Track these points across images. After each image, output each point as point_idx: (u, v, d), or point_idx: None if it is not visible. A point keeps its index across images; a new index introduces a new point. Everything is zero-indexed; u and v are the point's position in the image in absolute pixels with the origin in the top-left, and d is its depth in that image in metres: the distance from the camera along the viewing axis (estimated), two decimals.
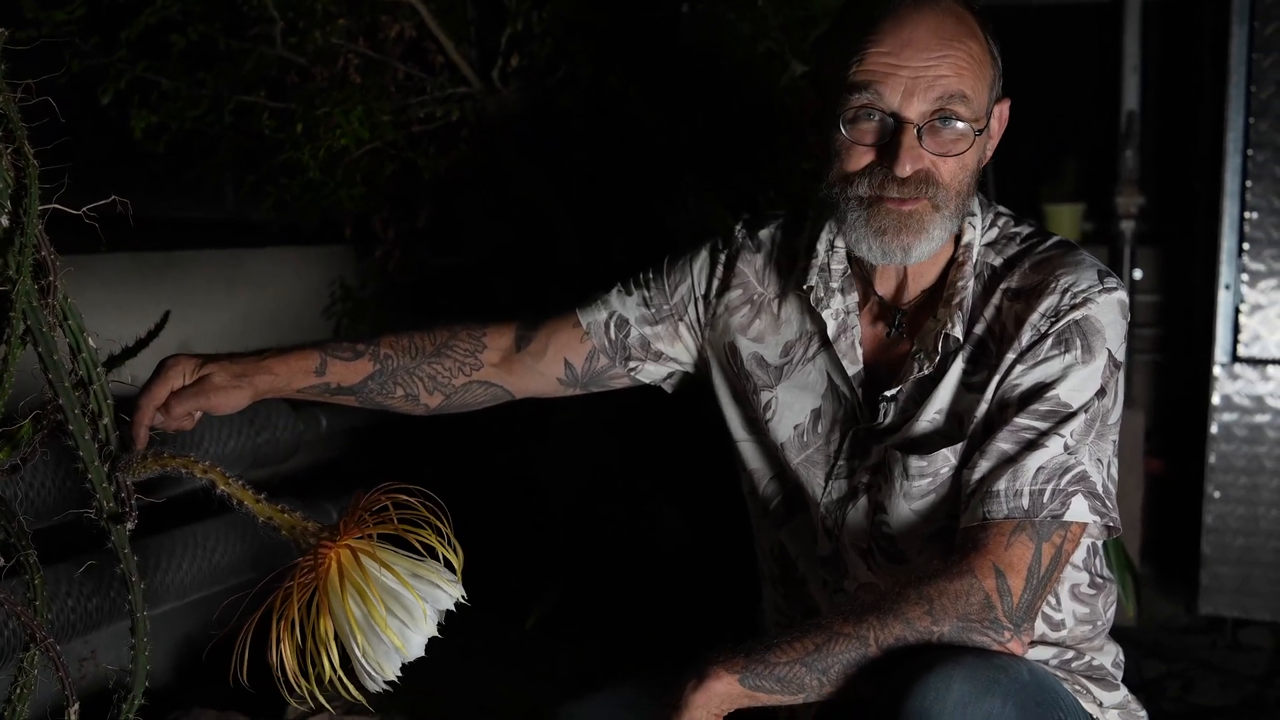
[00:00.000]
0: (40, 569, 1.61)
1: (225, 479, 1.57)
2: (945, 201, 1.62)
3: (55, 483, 2.03)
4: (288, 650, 1.44)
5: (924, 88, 1.57)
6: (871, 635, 1.48)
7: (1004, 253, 1.69)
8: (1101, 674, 1.74)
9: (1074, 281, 1.61)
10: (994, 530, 1.54)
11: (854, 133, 1.61)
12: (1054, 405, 1.57)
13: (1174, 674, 3.31)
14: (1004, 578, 1.51)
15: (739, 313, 1.85)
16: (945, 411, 1.66)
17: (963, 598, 1.50)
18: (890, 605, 1.50)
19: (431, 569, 1.50)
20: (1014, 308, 1.63)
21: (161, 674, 2.59)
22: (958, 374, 1.66)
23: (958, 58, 1.58)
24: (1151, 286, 4.24)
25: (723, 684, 1.48)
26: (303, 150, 2.71)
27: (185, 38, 2.78)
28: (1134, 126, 4.18)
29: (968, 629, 1.49)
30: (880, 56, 1.58)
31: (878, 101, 1.58)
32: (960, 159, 1.61)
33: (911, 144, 1.58)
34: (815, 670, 1.48)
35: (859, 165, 1.62)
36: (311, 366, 1.80)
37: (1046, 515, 1.54)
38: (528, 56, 2.81)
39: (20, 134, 1.43)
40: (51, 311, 1.50)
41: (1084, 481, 1.56)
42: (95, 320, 1.58)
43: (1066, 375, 1.58)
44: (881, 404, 1.70)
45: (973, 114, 1.60)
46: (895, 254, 1.64)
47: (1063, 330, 1.59)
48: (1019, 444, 1.57)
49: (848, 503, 1.72)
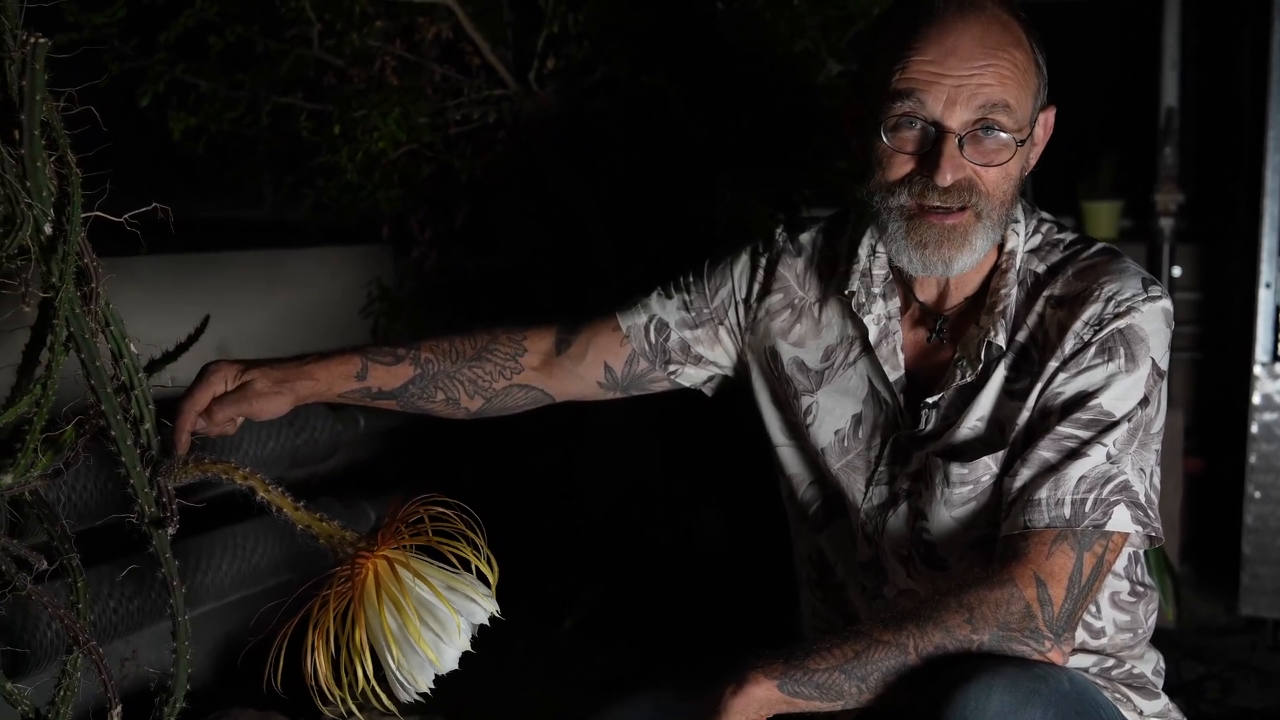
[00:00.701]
0: (83, 572, 1.63)
1: (265, 486, 1.58)
2: (989, 211, 1.61)
3: (98, 486, 2.05)
4: (322, 659, 1.46)
5: (967, 97, 1.56)
6: (911, 643, 1.48)
7: (1047, 259, 1.68)
8: (1142, 682, 1.73)
9: (1118, 289, 1.60)
10: (1035, 539, 1.54)
11: (895, 140, 1.60)
12: (1097, 414, 1.56)
13: (1213, 675, 3.29)
14: (1045, 587, 1.51)
15: (780, 317, 1.84)
16: (987, 419, 1.65)
17: (1003, 606, 1.49)
18: (930, 613, 1.50)
19: (467, 582, 1.51)
20: (1057, 315, 1.62)
21: (201, 674, 2.61)
22: (1000, 381, 1.65)
23: (1001, 67, 1.57)
24: (1190, 285, 4.20)
25: (762, 690, 1.48)
26: (340, 153, 2.72)
27: (223, 40, 2.80)
28: (1173, 123, 4.15)
29: (1008, 638, 1.49)
30: (923, 64, 1.57)
31: (919, 110, 1.57)
32: (1003, 169, 1.60)
33: (953, 153, 1.57)
34: (854, 677, 1.48)
35: (900, 174, 1.61)
36: (353, 372, 1.80)
37: (1088, 525, 1.53)
38: (564, 58, 2.82)
39: (63, 143, 1.45)
40: (94, 318, 1.51)
41: (1126, 491, 1.55)
42: (135, 322, 1.59)
43: (1110, 384, 1.57)
44: (923, 410, 1.69)
45: (1016, 124, 1.59)
46: (936, 267, 1.63)
47: (1106, 339, 1.58)
48: (1061, 452, 1.56)
49: (888, 509, 1.72)
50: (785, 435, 1.86)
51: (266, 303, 3.00)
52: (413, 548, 1.52)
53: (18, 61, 1.40)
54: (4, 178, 1.41)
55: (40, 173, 1.42)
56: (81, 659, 1.63)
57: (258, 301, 2.98)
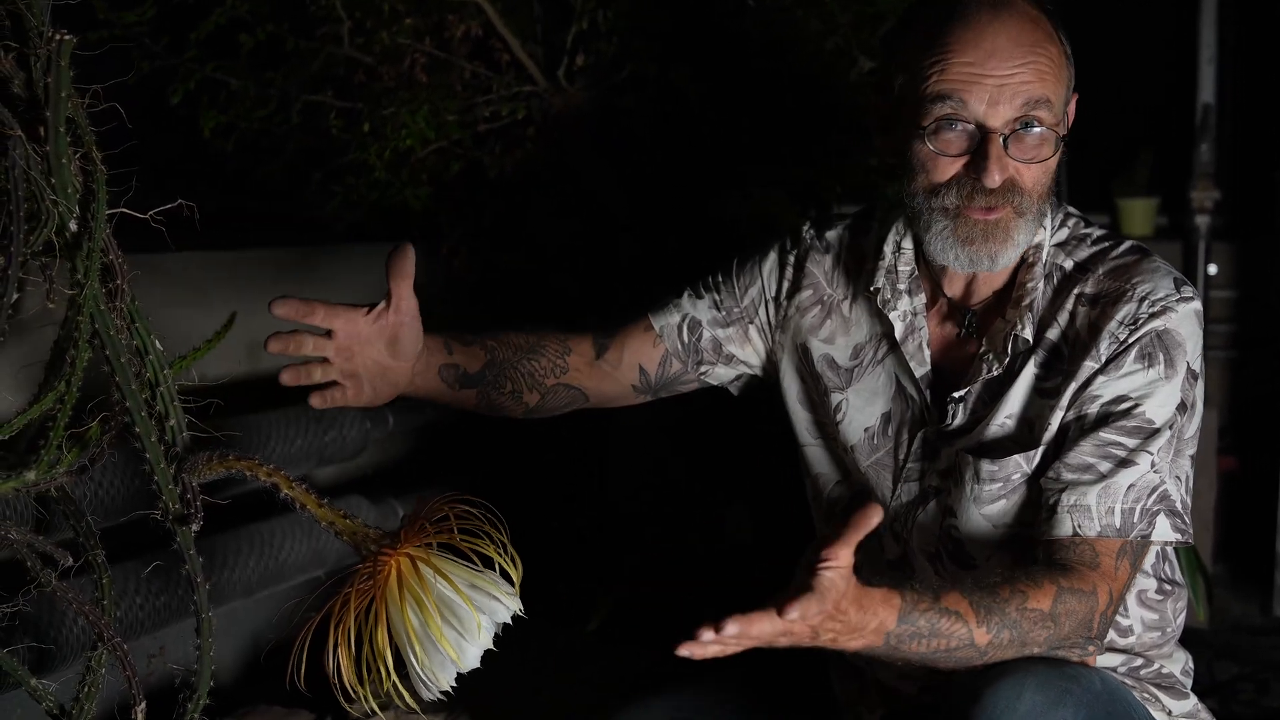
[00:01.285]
0: (108, 568, 1.64)
1: (289, 483, 1.58)
2: (1028, 207, 1.61)
3: (124, 483, 2.06)
4: (345, 657, 1.46)
5: (1009, 96, 1.56)
6: (1030, 634, 1.46)
7: (1074, 254, 1.68)
8: (1171, 682, 1.72)
9: (1152, 289, 1.59)
10: (1103, 551, 1.54)
11: (938, 143, 1.60)
12: (1141, 422, 1.56)
13: (1246, 676, 3.26)
14: (1112, 600, 1.52)
15: (810, 313, 1.84)
16: (1017, 417, 1.65)
17: (1081, 618, 1.50)
18: (1015, 625, 1.46)
19: (490, 581, 1.51)
20: (1090, 314, 1.61)
21: (229, 670, 2.62)
22: (1030, 378, 1.64)
23: (1040, 63, 1.58)
24: (1227, 282, 4.17)
25: (885, 609, 1.41)
26: (369, 151, 2.73)
27: (254, 38, 2.81)
28: (1210, 119, 4.11)
29: (1063, 643, 1.50)
30: (963, 66, 1.57)
31: (961, 110, 1.57)
32: (1044, 165, 1.61)
33: (999, 154, 1.57)
34: (962, 640, 1.43)
35: (945, 176, 1.61)
36: (440, 344, 1.79)
37: (1136, 535, 1.54)
38: (593, 55, 2.81)
39: (88, 139, 1.45)
40: (119, 314, 1.52)
41: (1166, 500, 1.56)
42: (166, 318, 1.60)
43: (1152, 391, 1.56)
44: (950, 405, 1.69)
45: (1054, 118, 1.60)
46: (983, 262, 1.63)
47: (1145, 344, 1.57)
48: (1108, 459, 1.56)
49: (917, 506, 1.71)
50: (813, 434, 1.86)
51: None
52: (436, 546, 1.52)
53: (43, 58, 1.40)
54: (29, 174, 1.42)
55: (65, 169, 1.42)
56: (106, 655, 1.64)
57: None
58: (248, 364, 2.83)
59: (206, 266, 2.74)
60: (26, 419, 1.48)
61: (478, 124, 2.83)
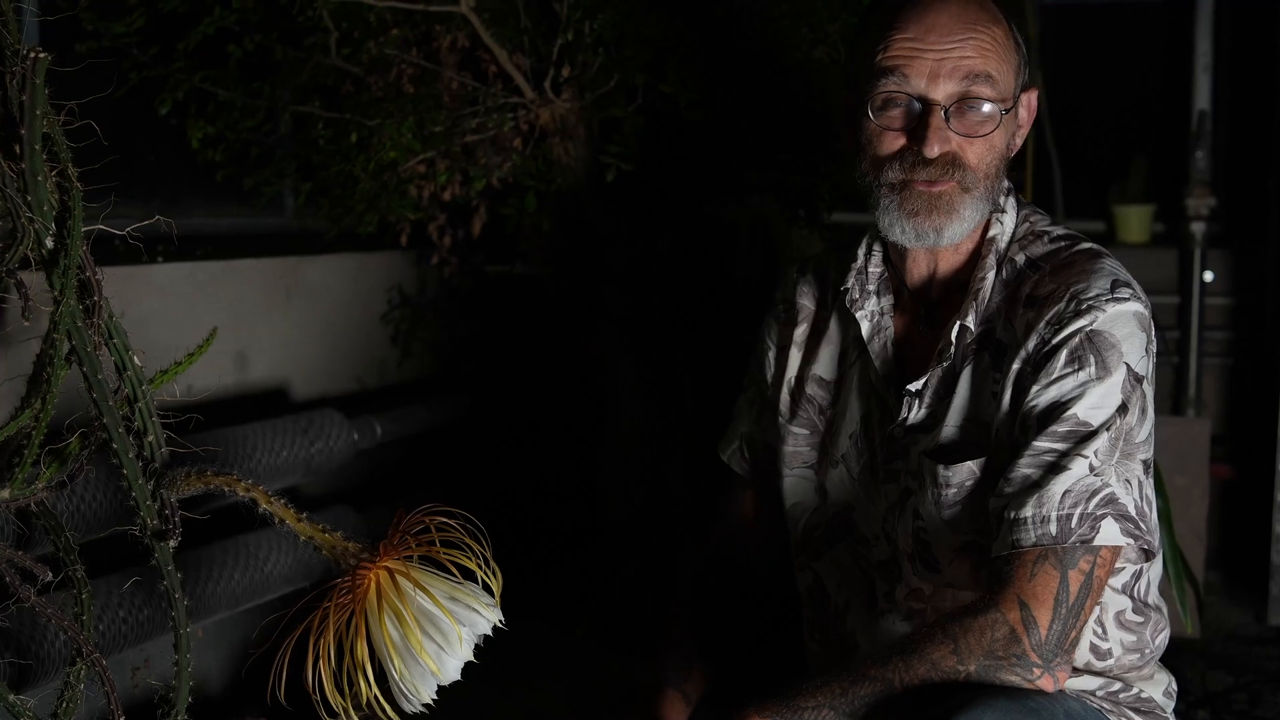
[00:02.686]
0: (88, 583, 1.63)
1: (268, 497, 1.58)
2: (974, 184, 1.63)
3: (104, 497, 2.06)
4: (325, 670, 1.46)
5: (949, 69, 1.60)
6: (896, 676, 1.48)
7: (1028, 250, 1.69)
8: (1150, 707, 1.69)
9: (1084, 289, 1.59)
10: (1017, 561, 1.52)
11: (883, 119, 1.63)
12: (1073, 425, 1.54)
13: (1241, 687, 3.25)
14: (1029, 609, 1.49)
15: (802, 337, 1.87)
16: (969, 418, 1.65)
17: (987, 633, 1.48)
18: (915, 645, 1.50)
19: (470, 593, 1.51)
20: (1027, 314, 1.62)
21: (215, 680, 2.62)
22: (979, 374, 1.64)
23: (981, 39, 1.61)
24: (1223, 289, 4.18)
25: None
26: (355, 163, 2.73)
27: (242, 48, 2.81)
28: (1205, 127, 4.12)
29: (994, 667, 1.48)
30: (905, 42, 1.61)
31: (905, 85, 1.61)
32: (987, 140, 1.63)
33: (939, 125, 1.60)
34: (842, 712, 1.49)
35: (890, 150, 1.64)
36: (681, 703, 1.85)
37: (1075, 541, 1.51)
38: (580, 66, 2.81)
39: (65, 156, 1.45)
40: (96, 331, 1.51)
41: (1113, 504, 1.52)
42: (152, 330, 1.60)
43: (1083, 393, 1.54)
44: (906, 399, 1.69)
45: (998, 94, 1.62)
46: (928, 235, 1.65)
47: (1075, 346, 1.56)
48: (1041, 467, 1.53)
49: (897, 507, 1.71)
50: (791, 465, 1.85)
51: (286, 310, 3.01)
52: (416, 558, 1.52)
53: (18, 76, 1.40)
54: (5, 192, 1.42)
55: (41, 187, 1.42)
56: (86, 670, 1.63)
57: (277, 309, 2.99)
58: (235, 375, 2.84)
59: (194, 277, 2.74)
60: (3, 435, 1.48)
61: (465, 134, 2.83)
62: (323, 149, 2.81)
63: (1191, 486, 3.54)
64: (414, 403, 3.22)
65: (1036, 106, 1.73)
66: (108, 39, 2.64)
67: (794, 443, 1.84)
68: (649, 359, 3.16)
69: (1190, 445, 3.57)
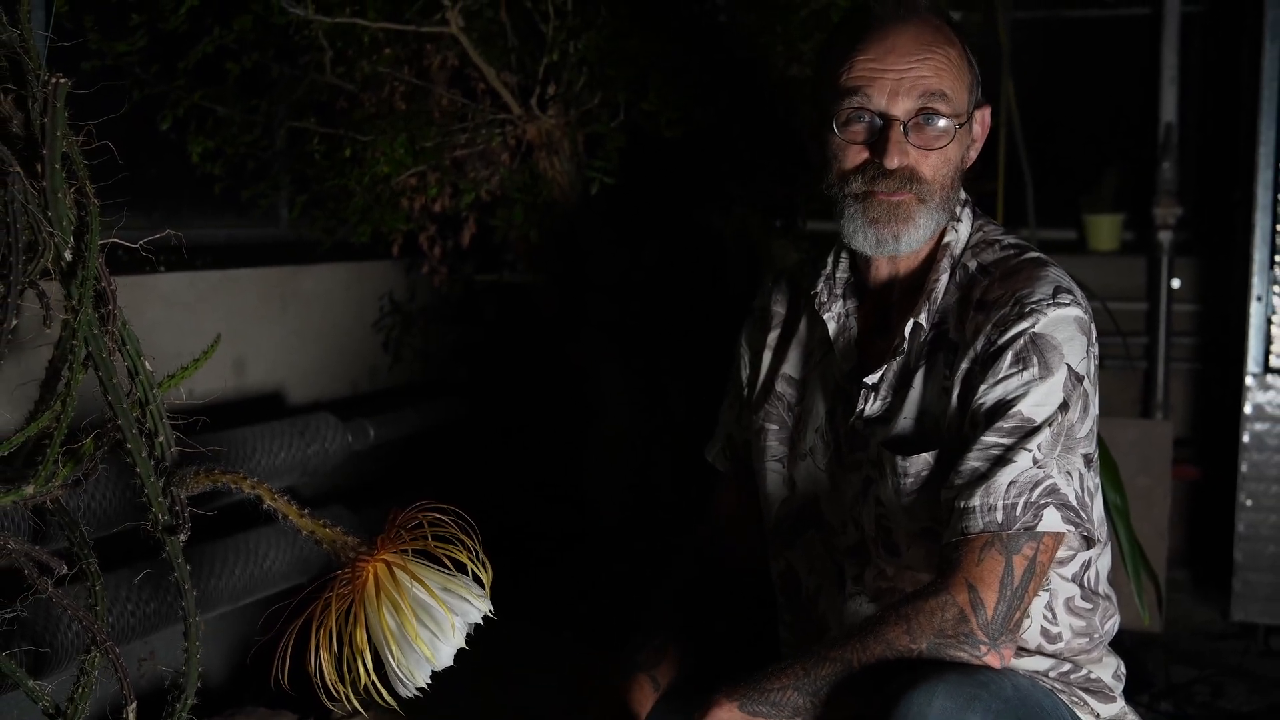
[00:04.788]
0: (100, 576, 1.71)
1: (271, 494, 1.67)
2: (929, 195, 1.75)
3: (116, 495, 2.15)
4: (326, 657, 1.54)
5: (907, 88, 1.72)
6: (854, 656, 1.59)
7: (980, 257, 1.80)
8: (1099, 686, 1.81)
9: (1028, 294, 1.70)
10: (966, 547, 1.63)
11: (847, 133, 1.75)
12: (1018, 421, 1.65)
13: (1204, 679, 3.36)
14: (976, 591, 1.59)
15: (775, 340, 1.98)
16: (923, 411, 1.76)
17: (937, 614, 1.59)
18: (872, 627, 1.61)
19: (462, 584, 1.59)
20: (976, 317, 1.73)
21: (216, 674, 2.70)
22: (932, 371, 1.76)
23: (937, 60, 1.74)
24: (1190, 296, 4.27)
25: (724, 711, 1.61)
26: (349, 177, 2.82)
27: (240, 66, 2.90)
28: (1172, 138, 4.22)
29: (944, 644, 1.58)
30: (867, 63, 1.74)
31: (867, 103, 1.73)
32: (942, 153, 1.75)
33: (898, 139, 1.73)
34: (805, 693, 1.59)
35: (853, 163, 1.76)
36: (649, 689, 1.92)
37: (1019, 528, 1.61)
38: (565, 84, 2.91)
39: (82, 174, 1.54)
40: (111, 337, 1.60)
41: (1055, 494, 1.63)
42: (156, 336, 1.67)
43: (1027, 392, 1.65)
44: (863, 391, 1.80)
45: (953, 110, 1.75)
46: (888, 241, 1.77)
47: (1019, 348, 1.67)
48: (989, 460, 1.64)
49: (861, 494, 1.82)
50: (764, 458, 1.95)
51: (282, 318, 3.10)
52: (411, 552, 1.60)
53: (40, 100, 1.50)
54: (27, 208, 1.51)
55: (61, 203, 1.51)
56: (99, 658, 1.71)
57: (273, 317, 3.08)
58: (234, 380, 2.93)
59: (194, 286, 2.83)
60: (25, 436, 1.57)
61: (455, 149, 2.92)
62: (318, 163, 2.90)
63: (1155, 486, 3.64)
64: (405, 407, 3.30)
65: (990, 122, 1.85)
66: (111, 58, 2.71)
67: (765, 438, 1.95)
68: (635, 366, 3.26)
69: (1154, 447, 3.67)
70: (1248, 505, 3.62)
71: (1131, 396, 4.25)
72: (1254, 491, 3.61)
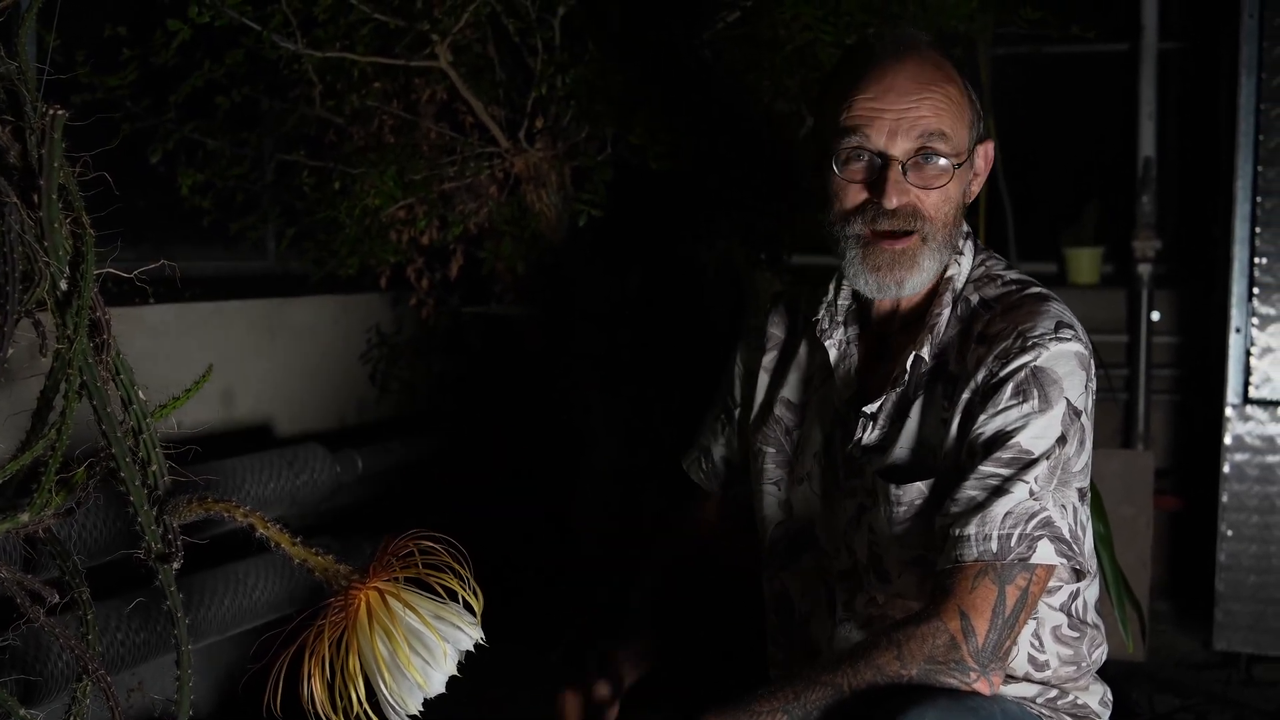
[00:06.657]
0: (92, 605, 1.72)
1: (264, 523, 1.68)
2: (932, 234, 1.76)
3: (107, 524, 2.15)
4: (319, 685, 1.55)
5: (906, 128, 1.73)
6: (845, 681, 1.59)
7: (983, 290, 1.81)
8: (1086, 712, 1.82)
9: (1030, 328, 1.71)
10: (959, 574, 1.63)
11: (847, 173, 1.76)
12: (1016, 453, 1.66)
13: (1187, 708, 3.37)
14: (968, 619, 1.60)
15: (772, 363, 2.00)
16: (920, 443, 1.77)
17: (929, 640, 1.60)
18: (863, 652, 1.62)
19: (453, 612, 1.60)
20: (978, 350, 1.74)
21: (205, 704, 2.70)
22: (931, 403, 1.77)
23: (936, 99, 1.74)
24: (1170, 328, 4.31)
25: None
26: (338, 209, 2.84)
27: (230, 100, 2.92)
28: (1150, 172, 4.27)
29: (934, 670, 1.59)
30: (866, 102, 1.74)
31: (866, 143, 1.74)
32: (943, 191, 1.75)
33: (897, 178, 1.73)
34: (795, 716, 1.60)
35: (853, 202, 1.77)
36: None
37: (1013, 559, 1.62)
38: (552, 118, 2.94)
39: (78, 205, 1.56)
40: (105, 367, 1.61)
41: (1049, 526, 1.64)
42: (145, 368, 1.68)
43: (1026, 424, 1.67)
44: (862, 419, 1.81)
45: (953, 149, 1.75)
46: (890, 288, 1.78)
47: (1020, 381, 1.68)
48: (986, 490, 1.65)
49: (854, 520, 1.83)
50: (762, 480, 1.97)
51: (270, 350, 3.12)
52: (403, 580, 1.62)
53: (38, 131, 1.51)
54: (24, 238, 1.52)
55: (57, 233, 1.52)
56: (91, 687, 1.72)
57: (261, 349, 3.09)
58: (223, 411, 2.94)
59: (183, 317, 2.84)
60: (20, 464, 1.58)
61: (444, 182, 2.95)
62: (307, 196, 2.92)
63: (1137, 516, 3.67)
64: (393, 438, 3.32)
65: (994, 156, 1.87)
66: (102, 91, 2.74)
67: (763, 461, 1.96)
68: (621, 395, 3.28)
69: (1136, 477, 3.70)
70: (1229, 535, 3.65)
71: (1113, 427, 4.28)
72: (1235, 522, 3.64)
